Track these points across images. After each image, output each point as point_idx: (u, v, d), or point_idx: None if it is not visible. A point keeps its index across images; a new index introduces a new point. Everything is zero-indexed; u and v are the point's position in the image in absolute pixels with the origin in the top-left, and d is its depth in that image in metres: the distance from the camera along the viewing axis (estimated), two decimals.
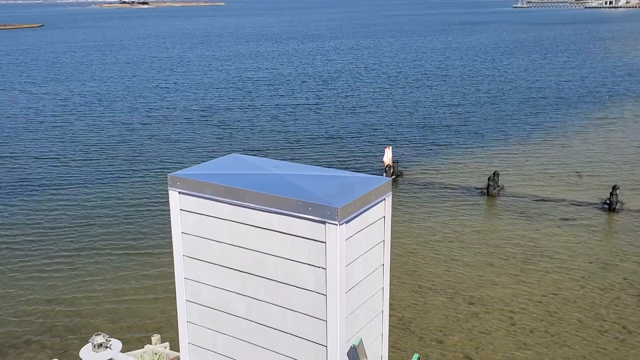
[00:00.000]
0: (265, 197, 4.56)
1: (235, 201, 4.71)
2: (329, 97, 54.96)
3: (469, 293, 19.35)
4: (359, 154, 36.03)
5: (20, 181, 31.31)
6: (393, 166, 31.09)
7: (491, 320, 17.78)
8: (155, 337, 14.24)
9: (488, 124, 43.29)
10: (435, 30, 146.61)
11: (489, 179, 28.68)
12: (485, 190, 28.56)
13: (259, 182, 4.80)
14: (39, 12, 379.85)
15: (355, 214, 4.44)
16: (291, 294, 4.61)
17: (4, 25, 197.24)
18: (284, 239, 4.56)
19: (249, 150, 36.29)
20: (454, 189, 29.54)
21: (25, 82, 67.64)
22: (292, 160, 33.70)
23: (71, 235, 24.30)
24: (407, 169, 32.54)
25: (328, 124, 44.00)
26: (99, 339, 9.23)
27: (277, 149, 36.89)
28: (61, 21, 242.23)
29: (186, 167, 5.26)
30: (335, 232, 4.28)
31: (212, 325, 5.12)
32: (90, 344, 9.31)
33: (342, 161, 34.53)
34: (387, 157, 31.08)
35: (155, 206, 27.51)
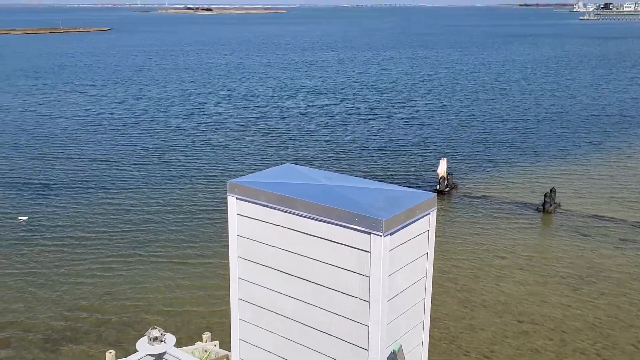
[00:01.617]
0: (315, 206, 4.86)
1: (287, 209, 5.04)
2: (383, 107, 55.02)
3: (519, 310, 19.08)
4: (412, 165, 35.96)
5: (75, 182, 32.62)
6: (447, 178, 30.90)
7: (541, 339, 17.48)
8: (206, 335, 14.79)
9: (547, 141, 42.30)
10: (496, 42, 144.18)
11: (545, 195, 28.09)
12: (541, 207, 27.98)
13: (310, 192, 5.10)
14: (109, 16, 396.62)
15: (399, 227, 4.67)
16: (336, 299, 4.88)
17: (75, 28, 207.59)
18: (331, 246, 4.84)
19: (300, 159, 36.74)
20: (509, 204, 29.08)
21: (86, 84, 70.46)
22: (343, 171, 33.99)
23: (125, 237, 25.34)
24: (461, 182, 32.26)
25: (382, 134, 44.08)
26: (155, 332, 9.75)
27: (329, 159, 37.16)
28: (128, 25, 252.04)
29: (239, 174, 5.61)
30: (379, 243, 4.53)
31: (262, 324, 5.45)
32: (146, 337, 9.84)
33: (395, 172, 34.53)
34: (442, 168, 30.92)
35: (207, 211, 28.23)
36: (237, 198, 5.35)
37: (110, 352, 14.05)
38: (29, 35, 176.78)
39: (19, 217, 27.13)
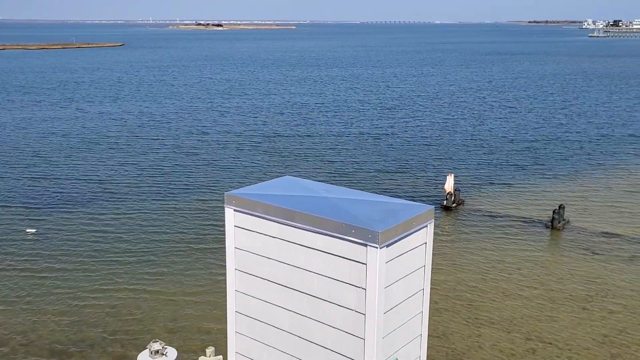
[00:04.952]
0: (312, 218, 4.85)
1: (284, 220, 5.02)
2: (389, 125, 54.97)
3: (527, 328, 18.84)
4: (417, 183, 35.79)
5: (68, 202, 31.79)
6: (454, 194, 30.77)
7: (549, 357, 17.22)
8: (210, 350, 14.68)
9: (555, 158, 42.08)
10: (504, 59, 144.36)
11: (553, 212, 27.88)
12: (550, 224, 27.76)
13: (308, 204, 5.09)
14: (122, 32, 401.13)
15: (396, 239, 4.64)
16: (332, 312, 4.84)
17: (88, 44, 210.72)
18: (327, 258, 4.81)
19: (302, 177, 36.22)
20: (517, 220, 28.88)
21: (86, 100, 69.89)
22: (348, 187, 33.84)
23: (127, 251, 25.26)
24: (469, 198, 32.10)
25: (386, 152, 44.00)
26: (156, 345, 9.71)
27: (331, 178, 36.44)
28: (140, 41, 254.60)
29: (237, 188, 5.60)
30: (375, 255, 4.50)
31: (259, 337, 5.41)
32: (147, 350, 9.81)
33: (399, 189, 34.37)
34: (449, 184, 30.81)
35: (206, 226, 28.10)
36: (234, 210, 5.34)
37: None
38: (43, 50, 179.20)
39: (28, 230, 27.30)
